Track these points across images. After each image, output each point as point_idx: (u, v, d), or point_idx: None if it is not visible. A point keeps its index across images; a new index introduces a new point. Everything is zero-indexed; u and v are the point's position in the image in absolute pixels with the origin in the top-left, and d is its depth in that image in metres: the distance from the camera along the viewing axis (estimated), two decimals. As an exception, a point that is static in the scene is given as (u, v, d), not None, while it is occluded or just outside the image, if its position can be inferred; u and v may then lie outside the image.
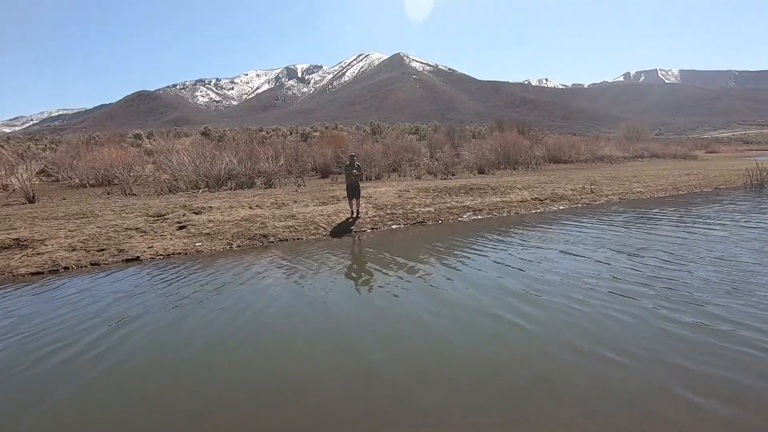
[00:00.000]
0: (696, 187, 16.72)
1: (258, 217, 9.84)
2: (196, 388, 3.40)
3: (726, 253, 6.63)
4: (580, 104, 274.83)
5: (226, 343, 4.18)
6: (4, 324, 4.78)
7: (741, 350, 3.62)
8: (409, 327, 4.39)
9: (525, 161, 26.06)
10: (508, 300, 4.98)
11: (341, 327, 4.47)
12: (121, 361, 3.86)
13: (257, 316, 4.81)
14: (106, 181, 17.65)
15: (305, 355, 3.90)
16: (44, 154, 27.09)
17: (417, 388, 3.28)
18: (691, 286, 5.18)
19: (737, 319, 4.19)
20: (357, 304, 5.15)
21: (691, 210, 11.46)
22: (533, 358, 3.67)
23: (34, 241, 7.90)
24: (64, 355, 3.99)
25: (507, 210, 11.85)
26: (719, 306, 4.52)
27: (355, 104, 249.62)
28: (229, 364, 3.78)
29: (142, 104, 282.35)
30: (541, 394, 3.14)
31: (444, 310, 4.78)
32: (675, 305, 4.60)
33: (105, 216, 9.77)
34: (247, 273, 6.52)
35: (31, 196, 13.24)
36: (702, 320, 4.20)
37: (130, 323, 4.68)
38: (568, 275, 5.84)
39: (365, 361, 3.74)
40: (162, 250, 7.84)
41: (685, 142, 64.28)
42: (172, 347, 4.12)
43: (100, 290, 5.89)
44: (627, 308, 4.58)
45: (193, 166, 16.59)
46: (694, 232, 8.44)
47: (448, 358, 3.74)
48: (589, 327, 4.18)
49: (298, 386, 3.39)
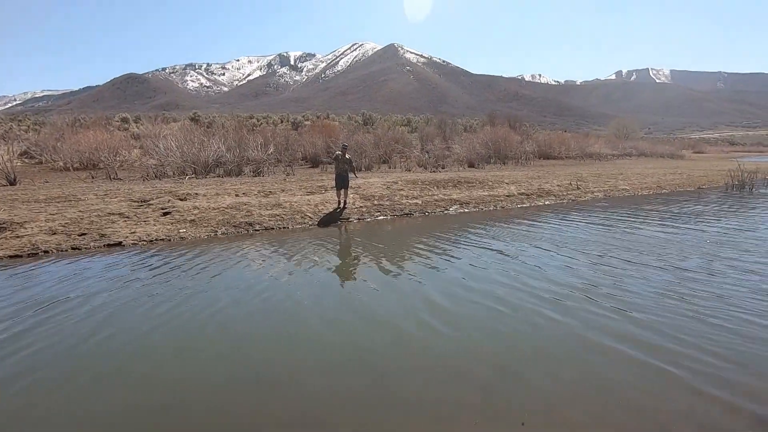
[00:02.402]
0: (679, 186, 17.02)
1: (244, 205, 9.79)
2: (164, 376, 3.42)
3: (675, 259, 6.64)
4: (573, 101, 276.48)
5: (201, 330, 4.19)
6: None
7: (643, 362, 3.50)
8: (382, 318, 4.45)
9: (515, 156, 26.21)
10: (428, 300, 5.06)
11: (308, 317, 4.50)
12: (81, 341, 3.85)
13: (233, 304, 4.82)
14: (90, 164, 17.35)
15: (277, 343, 3.94)
16: (27, 135, 26.48)
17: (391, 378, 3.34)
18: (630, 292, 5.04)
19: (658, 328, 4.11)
20: (329, 294, 5.19)
21: (667, 209, 11.68)
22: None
23: (13, 223, 7.77)
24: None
25: (493, 204, 11.95)
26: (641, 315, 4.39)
27: (347, 94, 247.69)
28: (202, 352, 3.79)
29: (130, 87, 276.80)
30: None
31: (418, 303, 4.85)
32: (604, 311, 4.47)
33: (88, 200, 9.63)
34: (229, 260, 6.50)
35: (12, 178, 12.98)
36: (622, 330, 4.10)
37: (96, 308, 4.66)
38: (520, 274, 5.95)
39: (337, 351, 3.79)
40: (145, 236, 7.77)
41: (673, 142, 65.16)
42: (146, 331, 4.12)
43: (88, 273, 5.83)
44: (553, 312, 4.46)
45: (181, 152, 16.37)
46: (653, 235, 8.62)
47: (409, 348, 3.81)
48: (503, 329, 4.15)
49: (270, 374, 3.43)
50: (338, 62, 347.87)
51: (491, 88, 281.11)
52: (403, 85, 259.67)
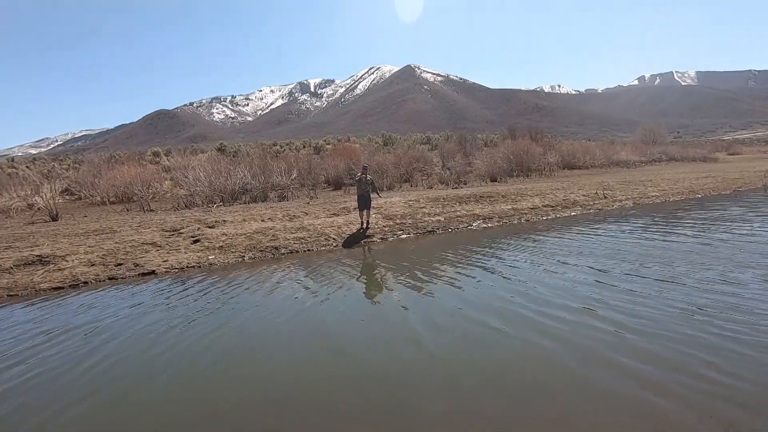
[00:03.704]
0: (714, 190, 16.35)
1: (270, 230, 10.03)
2: (208, 395, 3.51)
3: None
4: (595, 109, 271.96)
5: (238, 352, 4.29)
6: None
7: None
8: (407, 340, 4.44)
9: (538, 168, 25.86)
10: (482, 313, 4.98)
11: (340, 336, 4.53)
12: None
13: (262, 326, 4.92)
14: (125, 198, 18.18)
15: (307, 365, 3.99)
16: (68, 173, 28.06)
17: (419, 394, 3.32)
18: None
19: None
20: (357, 315, 5.22)
21: (704, 215, 11.22)
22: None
23: (56, 257, 8.21)
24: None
25: (517, 217, 11.79)
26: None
27: (367, 116, 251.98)
28: (242, 373, 3.88)
29: (161, 123, 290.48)
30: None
31: (446, 322, 4.82)
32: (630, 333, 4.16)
33: (123, 232, 10.09)
34: (255, 285, 6.65)
35: (55, 214, 13.73)
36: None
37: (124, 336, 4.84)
38: (552, 290, 5.81)
39: (365, 369, 3.80)
40: (176, 264, 8.05)
41: (705, 145, 62.79)
42: (197, 356, 4.26)
43: (116, 303, 6.09)
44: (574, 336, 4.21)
45: (209, 181, 16.98)
46: (684, 242, 8.27)
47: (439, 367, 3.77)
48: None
49: (302, 392, 3.47)
50: (357, 86, 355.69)
51: (510, 101, 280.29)
52: (421, 104, 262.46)
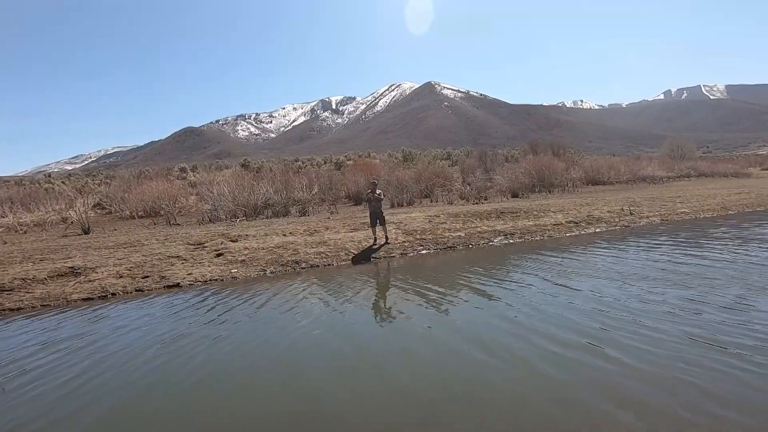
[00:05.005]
0: (747, 207, 15.72)
1: (291, 244, 10.15)
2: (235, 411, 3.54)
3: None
4: (619, 124, 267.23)
5: (263, 366, 4.33)
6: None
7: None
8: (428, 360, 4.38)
9: (561, 184, 25.45)
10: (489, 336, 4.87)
11: (365, 356, 4.52)
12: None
13: (280, 342, 4.95)
14: (153, 212, 18.79)
15: (346, 377, 3.98)
16: (99, 188, 29.19)
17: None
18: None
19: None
20: (389, 330, 5.19)
21: (737, 233, 10.79)
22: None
23: (86, 269, 8.51)
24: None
25: (540, 234, 11.59)
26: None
27: (387, 132, 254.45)
28: (269, 387, 3.91)
29: (189, 139, 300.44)
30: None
31: (466, 345, 4.74)
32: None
33: (150, 245, 10.39)
34: (286, 298, 6.72)
35: (87, 227, 14.29)
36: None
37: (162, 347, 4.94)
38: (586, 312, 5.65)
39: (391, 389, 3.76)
40: (200, 277, 8.22)
41: (737, 160, 60.62)
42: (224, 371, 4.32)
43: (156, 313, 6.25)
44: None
45: (232, 196, 17.40)
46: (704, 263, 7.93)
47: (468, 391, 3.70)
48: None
49: (325, 411, 3.46)
50: (377, 103, 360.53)
51: (531, 116, 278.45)
52: (441, 120, 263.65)
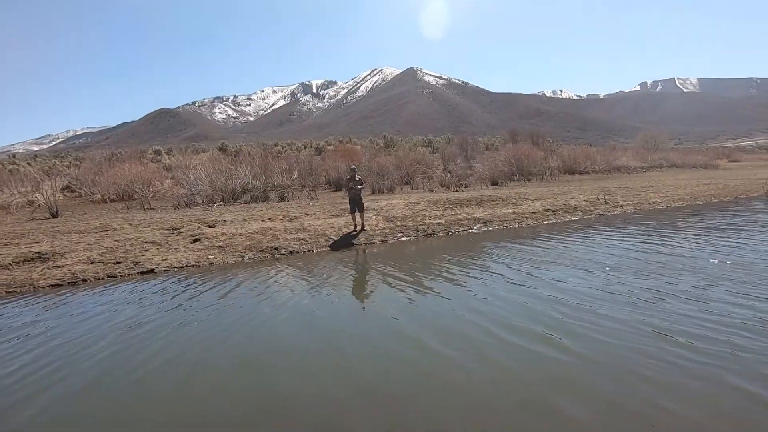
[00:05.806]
0: (715, 197, 16.34)
1: (270, 230, 10.01)
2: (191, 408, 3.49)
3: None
4: (596, 115, 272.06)
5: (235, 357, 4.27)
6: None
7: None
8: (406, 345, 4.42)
9: (539, 172, 25.85)
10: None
11: (339, 344, 4.52)
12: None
13: (256, 329, 4.90)
14: (126, 196, 18.18)
15: (302, 371, 3.97)
16: (68, 170, 28.04)
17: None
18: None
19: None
20: (352, 320, 5.19)
21: (704, 222, 11.21)
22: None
23: (55, 254, 8.19)
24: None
25: (518, 221, 11.77)
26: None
27: (369, 118, 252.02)
28: (231, 376, 3.86)
29: (163, 121, 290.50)
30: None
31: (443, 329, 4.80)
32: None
33: (123, 230, 10.07)
34: (255, 285, 6.63)
35: (55, 211, 13.72)
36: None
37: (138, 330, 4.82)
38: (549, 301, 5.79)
39: (360, 379, 3.77)
40: (176, 263, 8.03)
41: (706, 152, 62.76)
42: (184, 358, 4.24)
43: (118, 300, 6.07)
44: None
45: (210, 180, 16.98)
46: (670, 252, 8.25)
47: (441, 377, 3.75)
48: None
49: (294, 401, 3.45)
50: (359, 88, 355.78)
51: (511, 105, 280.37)
52: (423, 107, 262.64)
